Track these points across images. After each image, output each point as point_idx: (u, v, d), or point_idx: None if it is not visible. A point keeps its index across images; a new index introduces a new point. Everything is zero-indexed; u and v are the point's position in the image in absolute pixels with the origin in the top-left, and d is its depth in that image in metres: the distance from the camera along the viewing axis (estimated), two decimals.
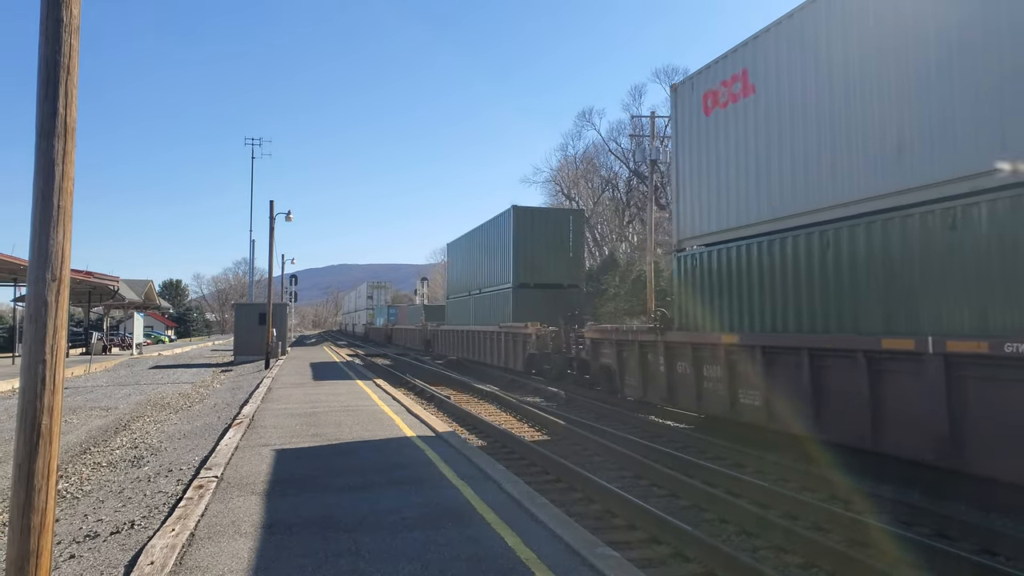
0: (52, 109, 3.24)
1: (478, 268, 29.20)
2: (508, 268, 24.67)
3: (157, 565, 4.87)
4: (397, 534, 5.59)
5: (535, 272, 24.50)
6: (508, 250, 24.79)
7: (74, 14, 3.32)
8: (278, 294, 48.30)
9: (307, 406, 14.21)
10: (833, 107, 9.45)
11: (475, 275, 29.77)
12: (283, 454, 9.08)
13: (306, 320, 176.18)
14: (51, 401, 3.18)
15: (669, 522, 6.47)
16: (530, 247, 24.45)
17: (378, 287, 77.07)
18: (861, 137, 8.99)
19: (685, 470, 9.16)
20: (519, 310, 23.79)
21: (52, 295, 3.21)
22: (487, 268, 27.66)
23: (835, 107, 9.42)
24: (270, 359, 29.05)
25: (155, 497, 7.31)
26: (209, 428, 12.20)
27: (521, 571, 4.74)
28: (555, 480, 8.96)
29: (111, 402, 18.07)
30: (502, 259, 25.36)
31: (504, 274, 25.19)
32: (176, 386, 22.50)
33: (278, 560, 5.02)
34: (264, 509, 6.38)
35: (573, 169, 62.03)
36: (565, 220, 25.65)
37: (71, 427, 13.73)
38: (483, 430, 12.83)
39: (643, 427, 13.19)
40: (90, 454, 11.15)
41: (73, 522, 6.83)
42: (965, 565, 5.66)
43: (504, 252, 25.19)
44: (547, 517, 5.96)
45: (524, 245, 24.45)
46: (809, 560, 5.95)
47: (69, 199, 3.30)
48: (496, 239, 26.37)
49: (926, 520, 7.03)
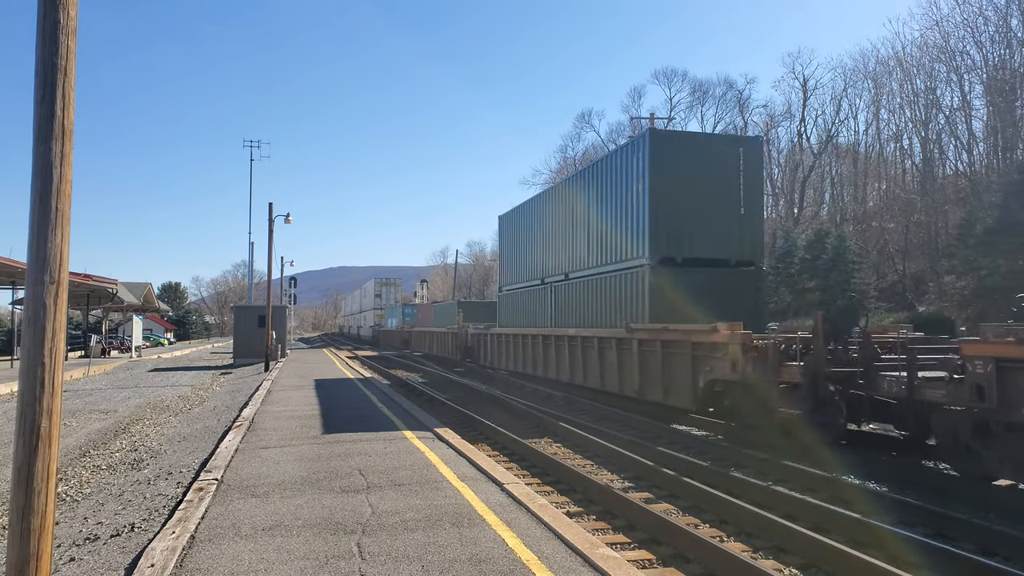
0: (50, 112, 3.24)
1: (567, 240, 19.66)
2: (639, 233, 15.13)
3: (157, 568, 4.87)
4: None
5: (685, 241, 14.89)
6: (639, 204, 15.14)
7: (71, 16, 3.32)
8: (277, 296, 48.29)
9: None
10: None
11: (558, 252, 20.31)
12: (283, 453, 9.07)
13: (305, 323, 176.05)
14: (50, 404, 3.18)
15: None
16: (675, 199, 14.75)
17: (387, 284, 69.59)
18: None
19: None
20: (660, 302, 14.42)
21: (50, 298, 3.21)
22: (589, 238, 17.96)
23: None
24: (269, 362, 29.03)
25: (155, 500, 7.31)
26: (209, 431, 12.19)
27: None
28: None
29: (110, 405, 18.05)
30: (625, 220, 15.86)
31: (630, 244, 15.62)
32: (175, 389, 22.48)
33: (279, 562, 5.02)
34: (265, 511, 6.37)
35: (572, 171, 62.04)
36: (731, 155, 15.33)
37: (70, 430, 13.72)
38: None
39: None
40: (90, 457, 11.14)
41: (73, 525, 6.83)
42: (964, 564, 5.66)
43: (629, 208, 15.63)
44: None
45: (666, 196, 14.72)
46: (807, 562, 5.95)
47: (67, 202, 3.30)
48: (610, 189, 16.66)
49: (925, 519, 7.03)
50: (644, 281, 14.82)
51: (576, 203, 19.07)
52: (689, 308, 14.00)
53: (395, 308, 59.70)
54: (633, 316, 15.14)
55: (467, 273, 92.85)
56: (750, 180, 15.45)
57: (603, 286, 16.97)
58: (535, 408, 15.45)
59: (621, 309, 15.81)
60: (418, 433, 10.79)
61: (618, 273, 16.20)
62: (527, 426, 13.78)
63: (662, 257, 14.72)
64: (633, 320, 15.00)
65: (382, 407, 14.25)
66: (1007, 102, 36.26)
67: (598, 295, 17.24)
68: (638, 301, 15.05)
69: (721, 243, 15.11)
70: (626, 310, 15.56)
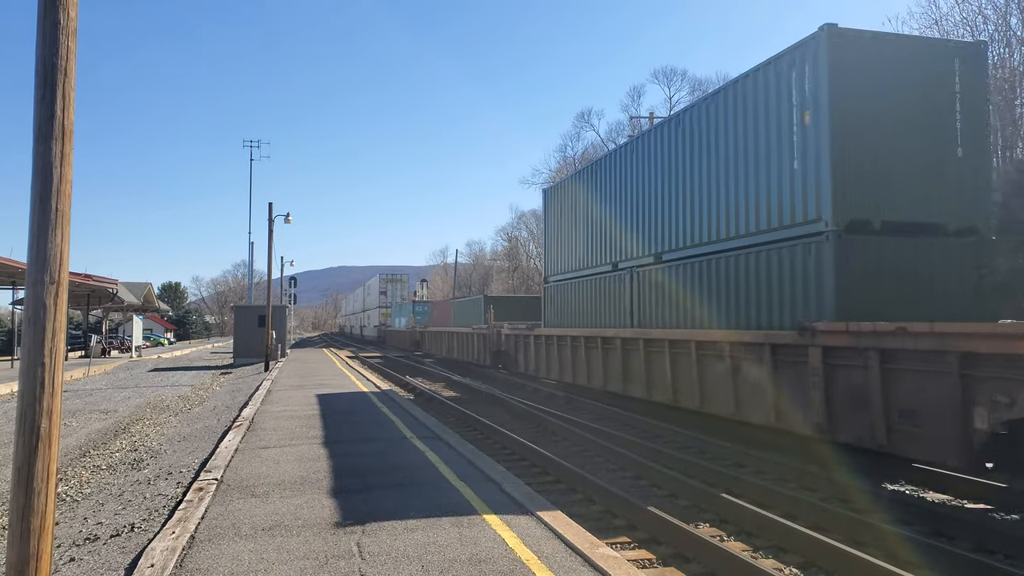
0: (50, 112, 3.24)
1: (664, 207, 14.14)
2: (809, 187, 10.00)
3: (157, 568, 4.87)
4: None
5: (883, 197, 9.83)
6: (811, 141, 10.00)
7: (71, 16, 3.32)
8: (277, 296, 48.30)
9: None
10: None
11: (647, 226, 14.81)
12: (283, 453, 9.08)
13: (305, 322, 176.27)
14: (50, 404, 3.18)
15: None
16: (867, 133, 9.81)
17: (393, 281, 64.43)
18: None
19: None
20: (853, 289, 9.45)
21: (50, 298, 3.21)
22: (709, 199, 12.54)
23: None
24: (269, 362, 29.04)
25: (155, 500, 7.31)
26: (209, 431, 12.19)
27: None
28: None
29: (110, 405, 18.05)
30: (779, 169, 10.68)
31: (790, 203, 10.42)
32: (175, 389, 22.48)
33: (279, 562, 5.02)
34: (265, 511, 6.37)
35: (572, 170, 62.09)
36: (943, 69, 10.31)
37: (70, 430, 13.72)
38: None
39: None
40: (90, 457, 11.14)
41: (73, 525, 6.83)
42: (963, 563, 5.66)
43: (789, 149, 10.45)
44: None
45: (854, 127, 9.72)
46: (808, 561, 5.93)
47: (67, 202, 3.30)
48: (752, 126, 11.38)
49: (925, 519, 7.03)
50: (824, 256, 9.55)
51: (684, 153, 13.33)
52: (894, 298, 9.44)
53: (404, 306, 53.88)
54: (800, 310, 9.93)
55: (467, 273, 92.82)
56: (971, 106, 10.29)
57: (734, 268, 11.56)
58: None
59: (773, 301, 10.60)
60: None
61: (768, 248, 10.78)
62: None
63: (851, 220, 9.54)
64: (803, 315, 9.73)
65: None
66: (1007, 101, 36.25)
67: (725, 282, 11.82)
68: (811, 288, 9.81)
69: (930, 201, 9.99)
70: (784, 302, 10.37)
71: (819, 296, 9.60)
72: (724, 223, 12.01)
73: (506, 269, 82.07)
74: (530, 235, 79.54)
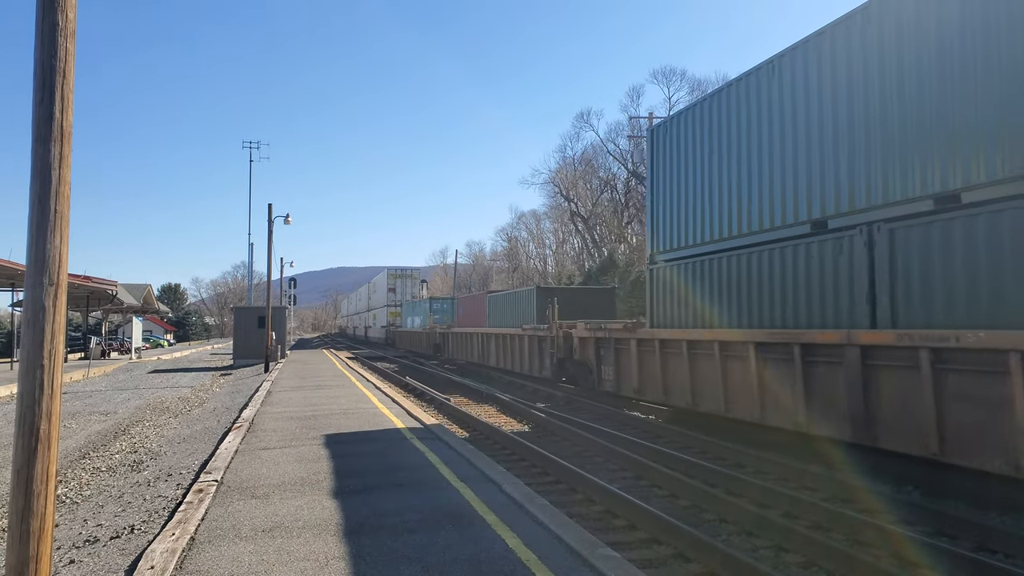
0: (48, 113, 3.24)
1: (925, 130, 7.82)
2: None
3: (157, 569, 4.86)
4: None
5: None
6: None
7: (70, 18, 3.32)
8: (277, 297, 48.31)
9: None
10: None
11: (850, 163, 8.98)
12: (283, 454, 9.07)
13: (305, 323, 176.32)
14: (49, 406, 3.18)
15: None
16: None
17: (402, 276, 58.68)
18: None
19: None
20: None
21: (49, 300, 3.21)
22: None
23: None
24: (269, 363, 29.04)
25: (155, 501, 7.30)
26: (209, 432, 12.19)
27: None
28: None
29: (110, 407, 18.04)
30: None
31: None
32: (175, 390, 22.47)
33: (279, 563, 5.01)
34: (265, 512, 6.37)
35: (572, 170, 62.14)
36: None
37: (70, 432, 13.71)
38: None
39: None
40: (89, 459, 11.13)
41: (73, 527, 6.82)
42: (963, 563, 5.66)
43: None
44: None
45: None
46: (808, 560, 5.93)
47: (66, 203, 3.30)
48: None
49: (925, 518, 7.03)
50: None
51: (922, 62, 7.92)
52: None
53: (419, 303, 46.11)
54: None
55: (467, 273, 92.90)
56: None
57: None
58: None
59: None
60: None
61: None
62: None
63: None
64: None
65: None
66: None
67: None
68: None
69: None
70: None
71: None
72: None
73: (506, 270, 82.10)
74: (530, 235, 79.61)
